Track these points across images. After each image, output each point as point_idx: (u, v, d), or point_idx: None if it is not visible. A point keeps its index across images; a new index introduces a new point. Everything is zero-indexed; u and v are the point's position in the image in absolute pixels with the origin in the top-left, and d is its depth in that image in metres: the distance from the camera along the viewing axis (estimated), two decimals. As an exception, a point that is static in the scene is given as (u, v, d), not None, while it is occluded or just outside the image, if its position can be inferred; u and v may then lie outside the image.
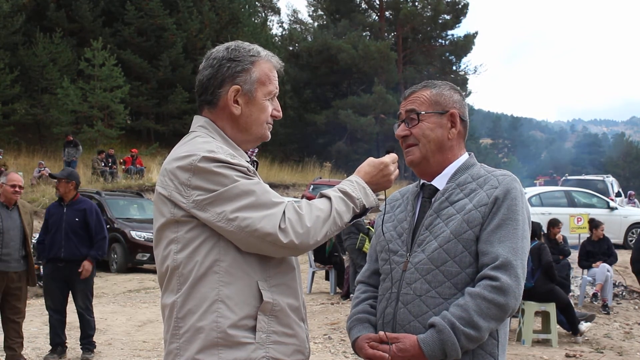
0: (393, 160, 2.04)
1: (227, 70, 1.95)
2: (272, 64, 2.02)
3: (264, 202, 1.80)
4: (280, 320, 1.86)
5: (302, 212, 1.82)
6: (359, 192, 1.94)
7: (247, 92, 1.95)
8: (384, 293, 2.08)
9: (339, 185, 1.96)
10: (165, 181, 1.86)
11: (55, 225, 6.75)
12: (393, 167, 2.03)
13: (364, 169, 2.03)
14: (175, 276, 1.86)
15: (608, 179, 21.57)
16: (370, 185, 1.99)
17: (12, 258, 6.24)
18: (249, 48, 2.00)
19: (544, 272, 7.64)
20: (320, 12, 46.72)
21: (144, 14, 32.83)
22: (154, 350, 7.02)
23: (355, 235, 9.90)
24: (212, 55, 2.00)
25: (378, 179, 2.01)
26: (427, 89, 2.12)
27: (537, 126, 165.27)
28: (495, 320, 1.88)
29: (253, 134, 2.00)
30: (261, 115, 1.99)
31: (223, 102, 1.96)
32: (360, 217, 2.00)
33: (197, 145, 1.87)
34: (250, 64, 1.96)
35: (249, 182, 1.82)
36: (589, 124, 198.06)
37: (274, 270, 1.87)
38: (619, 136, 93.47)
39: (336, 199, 1.89)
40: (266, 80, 1.98)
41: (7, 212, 6.30)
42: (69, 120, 27.86)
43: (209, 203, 1.79)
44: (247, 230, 1.77)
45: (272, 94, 2.01)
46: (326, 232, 1.85)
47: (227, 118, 1.97)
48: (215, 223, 1.79)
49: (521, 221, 1.95)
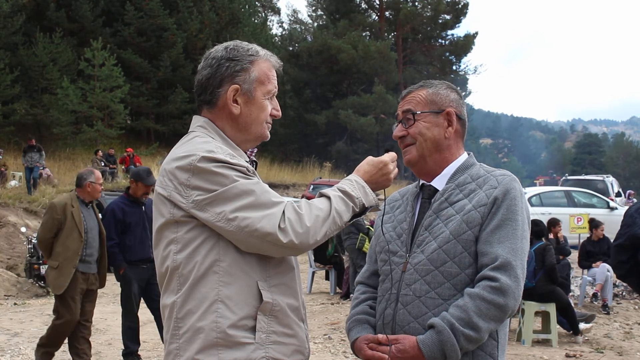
0: (392, 159, 2.05)
1: (226, 69, 1.94)
2: (271, 63, 2.02)
3: (263, 201, 1.80)
4: (280, 321, 1.86)
5: (301, 212, 1.81)
6: (359, 192, 1.94)
7: (246, 91, 1.95)
8: (383, 294, 2.08)
9: (339, 185, 1.96)
10: (165, 181, 1.86)
11: (138, 225, 6.28)
12: (392, 166, 2.04)
13: (363, 167, 2.03)
14: (175, 276, 1.86)
15: (608, 179, 21.58)
16: (369, 184, 1.99)
17: (93, 259, 5.92)
18: (248, 47, 1.99)
19: (546, 274, 7.63)
20: (320, 12, 46.74)
21: (144, 14, 32.84)
22: (154, 350, 7.01)
23: (355, 235, 9.89)
24: (211, 55, 1.99)
25: (377, 177, 2.01)
26: (424, 89, 2.12)
27: (537, 126, 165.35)
28: (494, 321, 1.87)
29: (252, 134, 2.00)
30: (260, 114, 1.98)
31: (222, 101, 1.95)
32: (360, 216, 2.00)
33: (196, 145, 1.87)
34: (249, 63, 1.96)
35: (249, 182, 1.82)
36: (589, 123, 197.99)
37: (273, 270, 1.87)
38: (619, 136, 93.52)
39: (335, 198, 1.89)
40: (265, 79, 1.98)
41: (87, 210, 5.95)
42: (69, 120, 27.86)
43: (209, 203, 1.79)
44: (247, 230, 1.77)
45: (271, 93, 2.01)
46: (326, 232, 1.85)
47: (226, 118, 1.97)
48: (215, 223, 1.79)
49: (520, 221, 1.94)
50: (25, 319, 8.61)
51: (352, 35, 38.17)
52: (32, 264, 12.78)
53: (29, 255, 13.38)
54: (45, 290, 12.44)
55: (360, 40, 38.37)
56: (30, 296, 12.25)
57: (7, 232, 16.98)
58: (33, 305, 10.60)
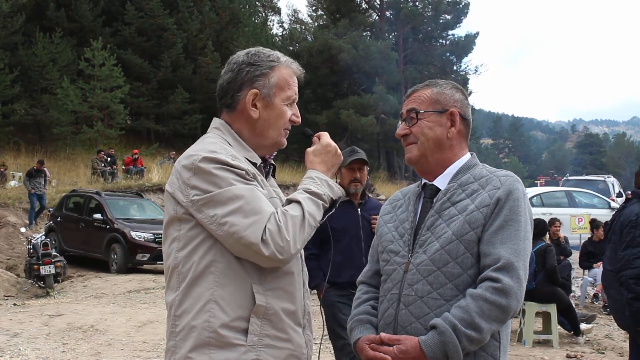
0: (325, 135, 2.09)
1: (246, 74, 1.99)
2: (292, 70, 2.05)
3: (253, 208, 1.81)
4: (274, 324, 1.87)
5: (280, 224, 1.82)
6: (324, 187, 1.97)
7: (266, 96, 1.99)
8: (385, 294, 2.07)
9: (303, 186, 1.97)
10: (172, 179, 1.92)
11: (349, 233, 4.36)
12: (331, 141, 2.08)
13: (315, 160, 2.05)
14: (175, 274, 1.90)
15: (609, 179, 21.58)
16: (329, 170, 2.04)
17: None
18: (269, 54, 2.04)
19: (546, 275, 7.60)
20: (321, 12, 46.70)
21: (144, 14, 32.84)
22: (154, 351, 6.99)
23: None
24: (233, 60, 2.04)
25: (331, 160, 2.06)
26: (429, 88, 2.12)
27: (538, 126, 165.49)
28: (497, 322, 1.87)
29: (269, 139, 2.03)
30: (279, 120, 2.02)
31: (241, 105, 1.99)
32: (331, 211, 2.01)
33: (203, 145, 1.92)
34: (269, 69, 2.00)
35: (243, 187, 1.84)
36: (590, 124, 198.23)
37: (270, 274, 1.88)
38: (620, 136, 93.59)
39: (305, 201, 1.91)
40: (285, 85, 2.01)
41: None
42: (69, 120, 27.86)
43: (203, 204, 1.82)
44: (235, 237, 1.79)
45: (291, 99, 2.04)
46: (304, 238, 1.87)
47: (244, 121, 2.01)
48: (208, 225, 1.83)
49: (523, 222, 1.93)
50: (25, 320, 8.59)
51: (352, 35, 38.15)
52: (31, 264, 12.77)
53: (28, 256, 13.38)
54: (44, 290, 12.43)
55: (361, 40, 38.34)
56: (29, 297, 12.24)
57: (6, 233, 17.00)
58: (33, 305, 10.59)
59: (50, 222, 16.53)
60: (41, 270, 12.34)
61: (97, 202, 15.57)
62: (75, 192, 17.25)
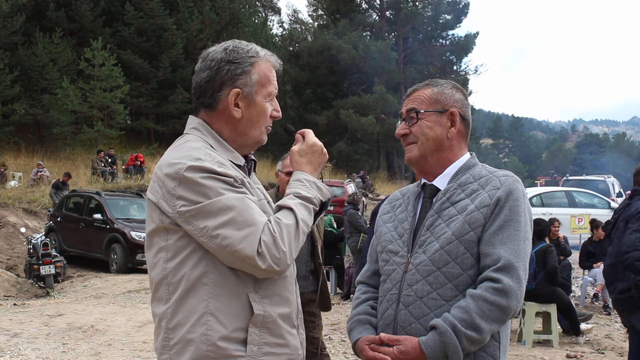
0: (309, 133, 2.05)
1: (226, 73, 1.89)
2: (271, 64, 1.98)
3: (245, 219, 1.75)
4: (272, 332, 1.84)
5: (275, 234, 1.77)
6: (314, 190, 1.93)
7: (248, 94, 1.91)
8: (384, 294, 2.06)
9: (292, 190, 1.92)
10: (155, 187, 1.83)
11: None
12: (317, 140, 2.03)
13: (301, 161, 2.00)
14: (164, 285, 1.83)
15: (609, 180, 21.55)
16: (316, 170, 1.99)
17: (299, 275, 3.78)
18: (248, 48, 1.94)
19: (546, 276, 7.59)
20: (321, 12, 46.72)
21: (144, 14, 32.85)
22: (154, 351, 6.99)
23: (357, 236, 9.91)
24: (210, 56, 1.93)
25: (317, 159, 2.01)
26: (429, 88, 2.11)
27: (538, 126, 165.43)
28: (497, 322, 1.86)
29: (251, 138, 1.96)
30: (261, 118, 1.95)
31: (222, 105, 1.91)
32: (321, 214, 1.98)
33: (186, 151, 1.83)
34: (250, 66, 1.92)
35: (233, 197, 1.77)
36: (590, 124, 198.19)
37: (265, 281, 1.84)
38: (620, 136, 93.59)
39: (297, 207, 1.86)
40: (266, 81, 1.94)
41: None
42: (69, 120, 27.87)
43: (192, 216, 1.75)
44: (228, 250, 1.74)
45: (272, 94, 1.97)
46: (298, 247, 1.83)
47: (225, 121, 1.93)
48: (199, 238, 1.77)
49: (523, 222, 1.93)
50: (25, 320, 8.58)
51: (352, 35, 38.15)
52: (31, 264, 12.78)
53: (28, 256, 13.38)
54: (44, 290, 12.43)
55: (361, 40, 38.36)
56: (29, 297, 12.23)
57: (6, 233, 16.98)
58: (33, 305, 10.58)
59: (50, 222, 16.54)
60: (41, 270, 12.34)
61: (97, 202, 15.57)
62: (75, 192, 17.25)
